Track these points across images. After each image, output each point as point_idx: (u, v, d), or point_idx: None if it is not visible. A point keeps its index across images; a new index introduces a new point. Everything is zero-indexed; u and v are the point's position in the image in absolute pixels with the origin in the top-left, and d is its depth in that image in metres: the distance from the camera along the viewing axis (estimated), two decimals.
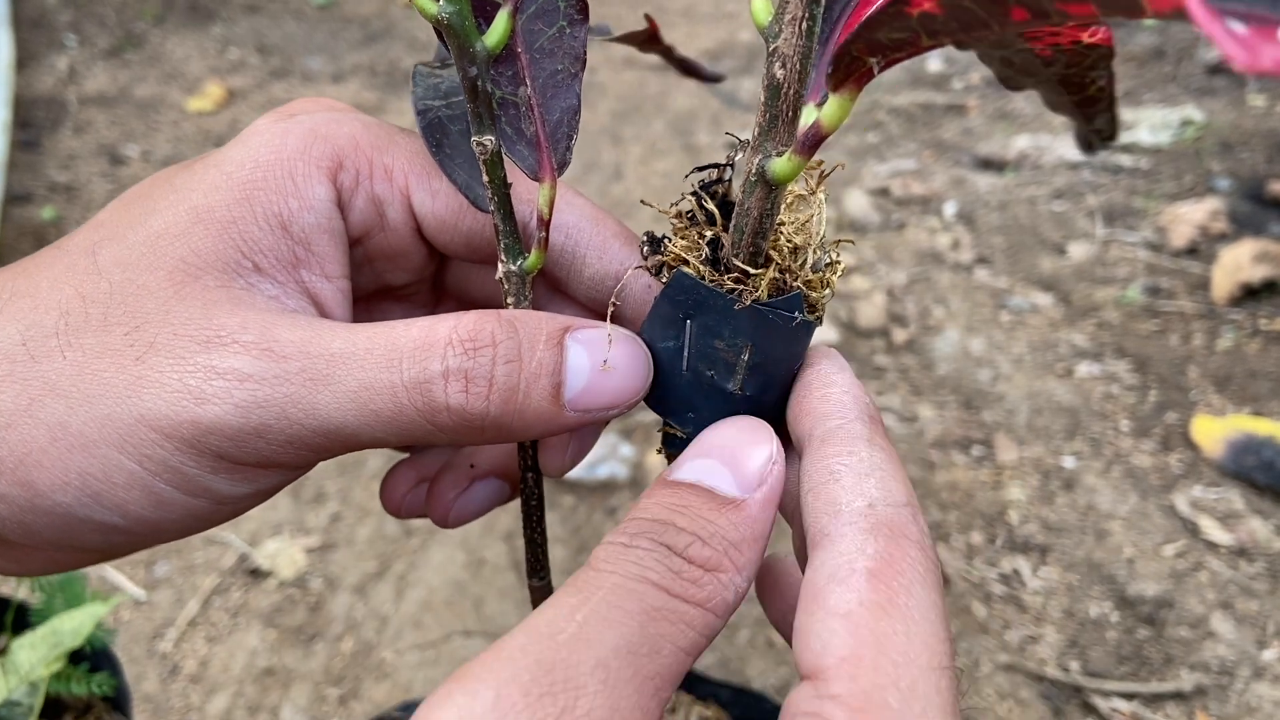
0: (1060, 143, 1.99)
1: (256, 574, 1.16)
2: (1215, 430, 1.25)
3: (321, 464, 0.36)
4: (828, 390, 0.28)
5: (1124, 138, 1.98)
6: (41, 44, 2.56)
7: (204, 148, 2.14)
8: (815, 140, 0.24)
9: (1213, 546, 1.14)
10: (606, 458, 1.26)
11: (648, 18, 0.36)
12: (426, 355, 0.27)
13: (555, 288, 0.36)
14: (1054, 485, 1.24)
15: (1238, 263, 1.50)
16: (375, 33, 2.73)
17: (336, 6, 2.91)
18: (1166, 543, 1.15)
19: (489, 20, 0.29)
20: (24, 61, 2.42)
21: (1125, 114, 2.06)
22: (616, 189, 1.96)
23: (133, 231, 0.29)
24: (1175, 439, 1.29)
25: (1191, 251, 1.63)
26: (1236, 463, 1.21)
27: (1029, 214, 1.80)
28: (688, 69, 0.39)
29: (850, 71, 0.23)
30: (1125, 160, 1.91)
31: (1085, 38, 0.22)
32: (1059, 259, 1.67)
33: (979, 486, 1.25)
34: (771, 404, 0.30)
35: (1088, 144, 0.30)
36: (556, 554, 1.18)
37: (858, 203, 1.84)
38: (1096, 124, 0.28)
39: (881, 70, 0.23)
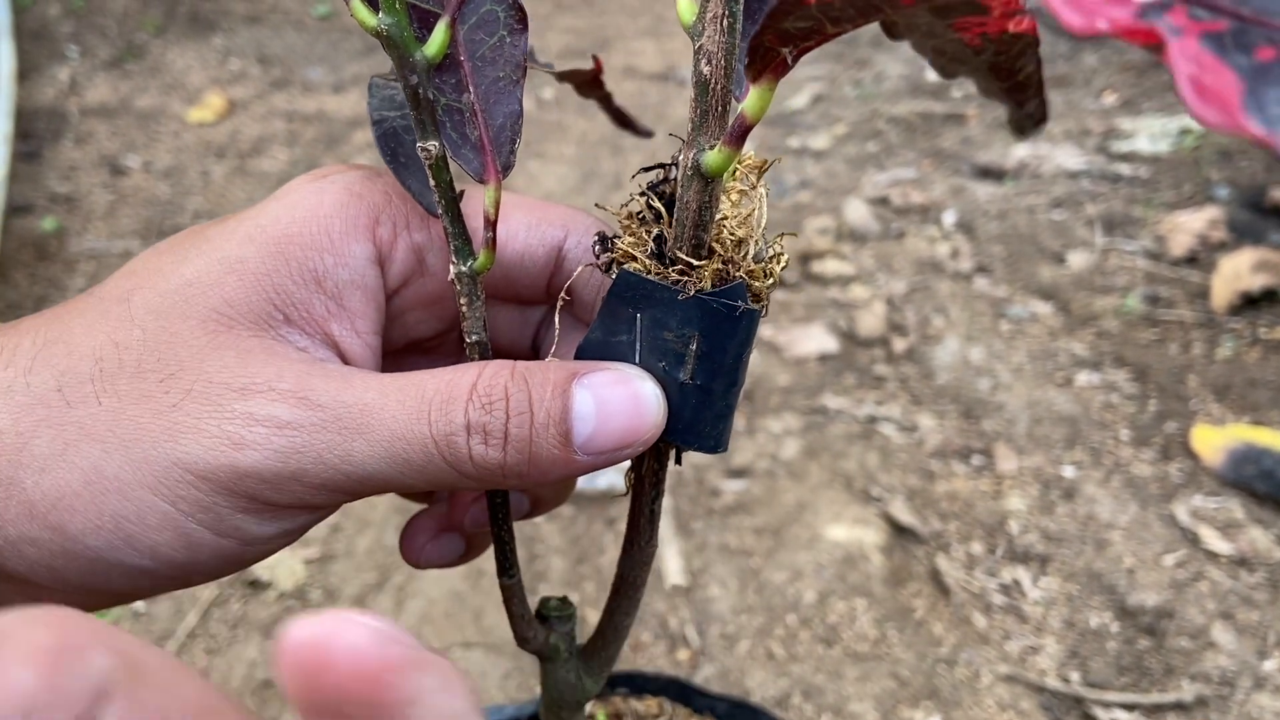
0: (1059, 152, 1.99)
1: (256, 585, 1.16)
2: (1215, 439, 1.25)
3: None
4: None
5: (1123, 146, 1.98)
6: (43, 55, 2.57)
7: (205, 159, 2.14)
8: (742, 131, 0.26)
9: (1213, 556, 1.13)
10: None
11: (594, 58, 0.37)
12: (451, 408, 0.28)
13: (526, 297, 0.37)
14: (1054, 495, 1.24)
15: (1237, 271, 1.50)
16: (375, 43, 2.73)
17: (337, 17, 2.92)
18: (1166, 552, 1.15)
19: (430, 30, 0.30)
20: (25, 72, 2.43)
21: (1124, 123, 2.06)
22: (616, 198, 1.96)
23: (164, 279, 0.29)
24: (1175, 448, 1.28)
25: (1191, 260, 1.63)
26: (1236, 472, 1.21)
27: (1028, 223, 1.80)
28: (623, 121, 0.39)
29: (767, 63, 0.24)
30: (1124, 169, 1.91)
31: (1011, 27, 0.23)
32: (1058, 268, 1.67)
33: (979, 496, 1.24)
34: (721, 392, 0.30)
35: (1020, 129, 0.31)
36: (556, 564, 1.18)
37: (857, 211, 1.84)
38: (1028, 109, 0.29)
39: (795, 60, 0.24)
